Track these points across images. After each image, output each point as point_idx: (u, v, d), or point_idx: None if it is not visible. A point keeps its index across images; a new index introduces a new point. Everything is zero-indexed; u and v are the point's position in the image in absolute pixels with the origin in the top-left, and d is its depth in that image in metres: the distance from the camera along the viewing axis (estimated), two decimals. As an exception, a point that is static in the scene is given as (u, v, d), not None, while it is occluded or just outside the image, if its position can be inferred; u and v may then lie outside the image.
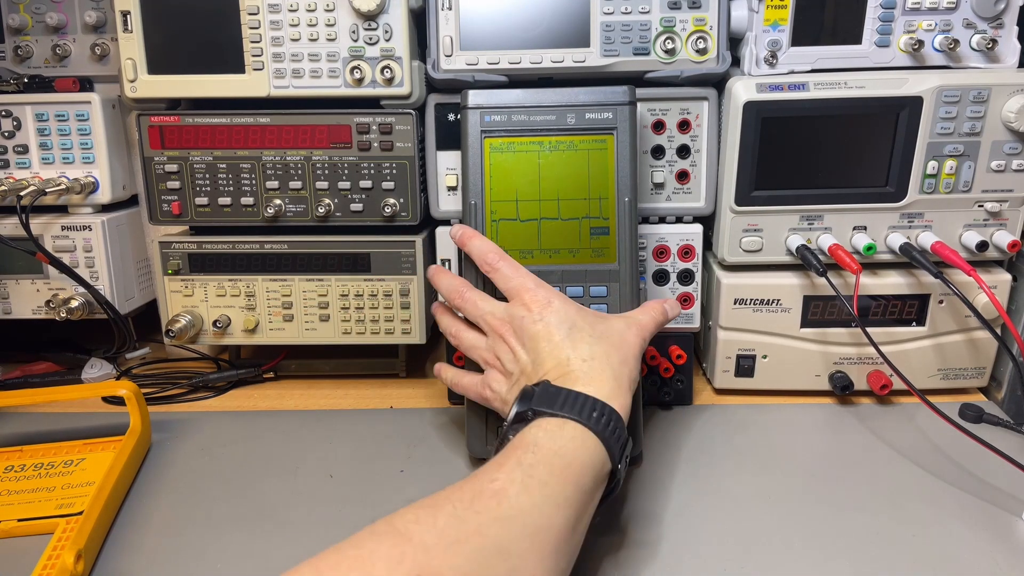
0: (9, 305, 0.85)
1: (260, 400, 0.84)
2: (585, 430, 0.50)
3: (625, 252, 0.66)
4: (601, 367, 0.55)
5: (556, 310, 0.58)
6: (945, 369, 0.79)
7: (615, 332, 0.58)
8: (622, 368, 0.56)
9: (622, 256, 0.66)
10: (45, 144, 0.82)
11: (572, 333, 0.57)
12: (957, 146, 0.72)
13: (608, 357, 0.56)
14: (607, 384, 0.54)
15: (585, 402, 0.51)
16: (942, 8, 0.72)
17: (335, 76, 0.75)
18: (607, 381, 0.54)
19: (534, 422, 0.51)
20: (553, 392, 0.53)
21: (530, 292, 0.59)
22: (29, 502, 0.63)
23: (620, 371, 0.55)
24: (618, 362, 0.56)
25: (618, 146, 0.66)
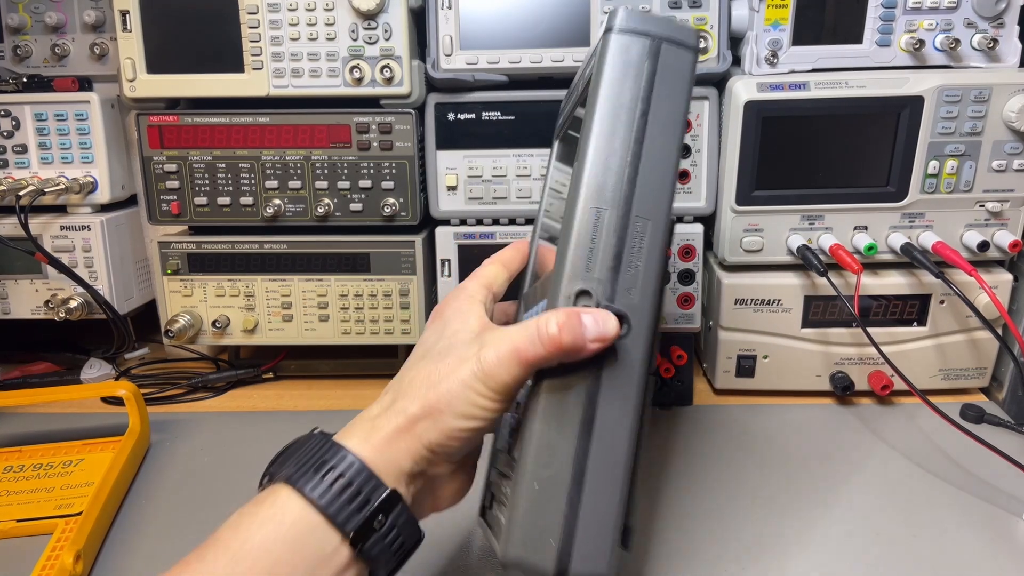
0: (8, 305, 0.85)
1: (259, 400, 0.84)
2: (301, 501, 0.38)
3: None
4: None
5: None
6: (946, 369, 0.79)
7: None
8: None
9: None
10: (44, 144, 0.82)
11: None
12: (958, 146, 0.72)
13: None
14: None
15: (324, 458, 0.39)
16: (943, 8, 0.71)
17: (334, 75, 0.75)
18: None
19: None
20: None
21: None
22: (28, 503, 0.63)
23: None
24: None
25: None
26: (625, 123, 0.41)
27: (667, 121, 0.42)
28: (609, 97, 0.41)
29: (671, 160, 0.41)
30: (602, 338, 0.37)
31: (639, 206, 0.40)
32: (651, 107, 0.41)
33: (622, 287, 0.39)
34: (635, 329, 0.39)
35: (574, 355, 0.38)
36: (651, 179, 0.40)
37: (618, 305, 0.39)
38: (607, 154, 0.40)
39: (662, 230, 0.41)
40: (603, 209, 0.40)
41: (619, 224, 0.40)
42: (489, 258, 0.51)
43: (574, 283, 0.39)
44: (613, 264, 0.39)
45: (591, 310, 0.38)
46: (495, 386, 0.39)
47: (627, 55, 0.41)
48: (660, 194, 0.41)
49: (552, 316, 0.38)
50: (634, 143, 0.41)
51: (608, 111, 0.41)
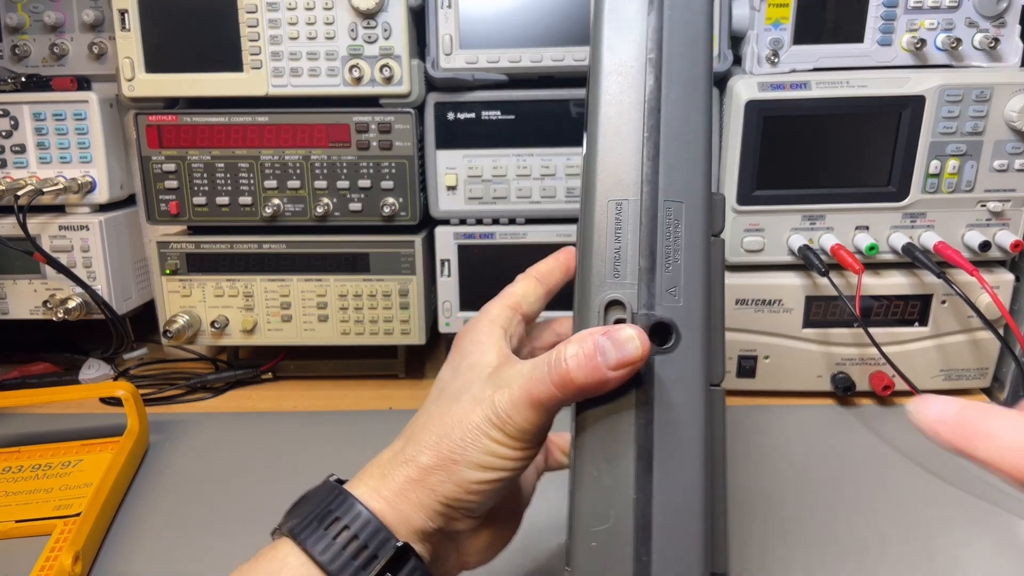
0: (6, 305, 0.85)
1: (258, 401, 0.84)
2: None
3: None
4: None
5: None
6: (948, 370, 0.78)
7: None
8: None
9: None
10: (43, 144, 0.81)
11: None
12: (959, 145, 0.71)
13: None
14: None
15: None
16: (944, 7, 0.71)
17: (334, 75, 0.75)
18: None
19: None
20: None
21: None
22: (27, 503, 0.63)
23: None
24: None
25: None
26: (631, 85, 0.34)
27: (687, 76, 0.33)
28: (608, 62, 0.34)
29: (699, 122, 0.33)
30: (626, 362, 0.31)
31: (667, 187, 0.33)
32: (663, 63, 0.33)
33: (661, 289, 0.32)
34: (686, 337, 0.32)
35: (597, 389, 0.32)
36: (677, 150, 0.33)
37: (660, 311, 0.32)
38: (617, 128, 0.33)
39: (701, 210, 0.33)
40: (623, 200, 0.33)
41: (646, 214, 0.33)
42: (522, 273, 0.44)
43: (601, 292, 0.33)
44: (646, 263, 0.32)
45: (610, 329, 0.31)
46: (513, 432, 0.34)
47: (621, 13, 0.34)
48: (692, 166, 0.33)
49: (564, 347, 0.32)
50: (647, 110, 0.33)
51: (608, 77, 0.34)
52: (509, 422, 0.34)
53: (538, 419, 0.34)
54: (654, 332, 0.32)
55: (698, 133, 0.33)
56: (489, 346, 0.38)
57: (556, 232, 0.78)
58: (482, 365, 0.37)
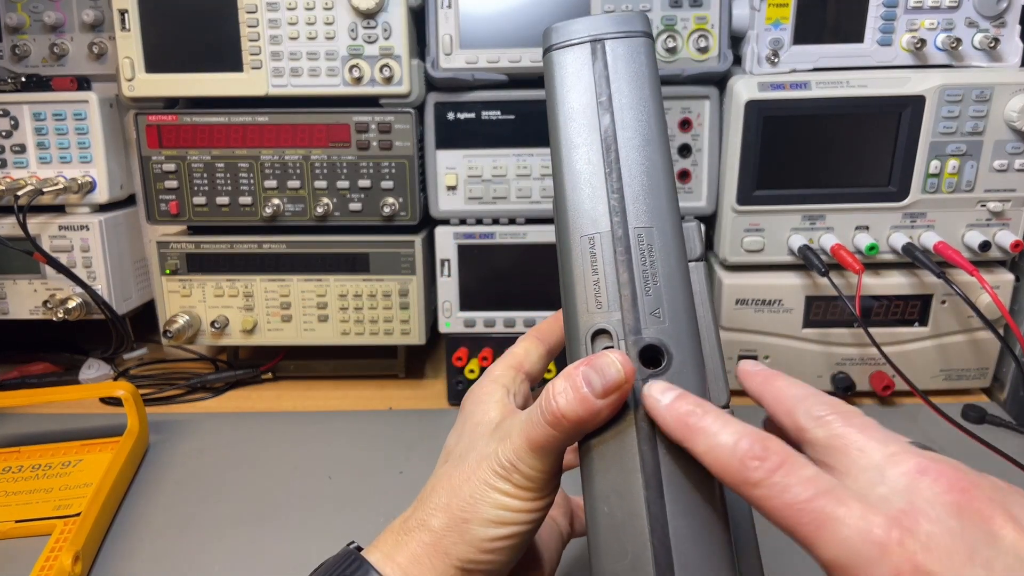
0: (6, 305, 0.85)
1: (258, 401, 0.84)
2: None
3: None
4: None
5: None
6: (948, 370, 0.78)
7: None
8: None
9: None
10: (43, 143, 0.81)
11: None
12: (960, 145, 0.71)
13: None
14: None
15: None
16: (944, 7, 0.71)
17: (334, 75, 0.75)
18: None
19: None
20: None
21: None
22: (27, 503, 0.63)
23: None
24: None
25: None
26: (588, 127, 0.36)
27: (639, 110, 0.35)
28: (564, 111, 0.36)
29: (656, 150, 0.35)
30: (612, 387, 0.31)
31: (636, 215, 0.34)
32: (613, 102, 0.36)
33: (645, 312, 0.33)
34: (677, 356, 0.33)
35: (592, 421, 0.32)
36: (639, 179, 0.35)
37: (647, 335, 0.33)
38: (579, 169, 0.35)
39: (671, 232, 0.34)
40: (596, 234, 0.34)
41: (619, 243, 0.34)
42: (528, 332, 0.44)
43: (587, 325, 0.34)
44: (627, 291, 0.33)
45: (592, 358, 0.32)
46: (521, 482, 0.33)
47: (569, 68, 0.37)
48: (655, 193, 0.35)
49: (552, 385, 0.32)
50: (605, 147, 0.35)
51: (567, 125, 0.36)
52: (515, 471, 0.33)
53: (543, 464, 0.33)
54: (645, 356, 0.33)
55: (657, 162, 0.35)
56: (491, 404, 0.38)
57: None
58: (485, 423, 0.37)
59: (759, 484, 0.27)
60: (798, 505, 0.26)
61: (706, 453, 0.29)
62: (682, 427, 0.30)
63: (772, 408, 0.33)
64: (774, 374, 0.34)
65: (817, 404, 0.30)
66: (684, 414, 0.30)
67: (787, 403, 0.32)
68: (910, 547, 0.24)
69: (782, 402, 0.32)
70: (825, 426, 0.29)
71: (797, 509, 0.26)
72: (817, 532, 0.26)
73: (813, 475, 0.27)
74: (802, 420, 0.30)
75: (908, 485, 0.26)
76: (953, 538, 0.24)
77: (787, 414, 0.31)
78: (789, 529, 0.27)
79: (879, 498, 0.26)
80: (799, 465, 0.27)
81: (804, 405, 0.30)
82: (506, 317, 0.80)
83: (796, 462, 0.27)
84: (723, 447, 0.28)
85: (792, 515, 0.26)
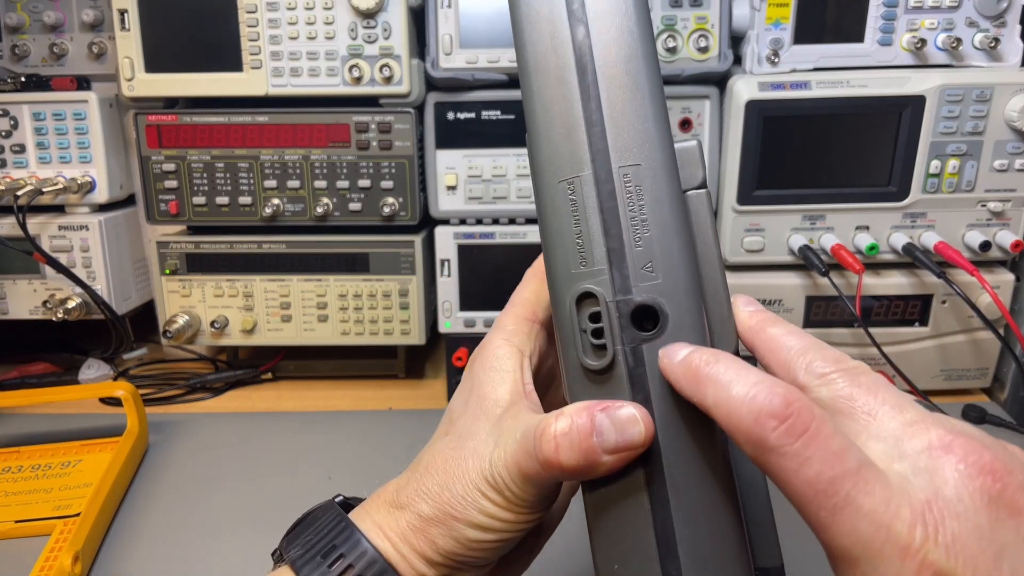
0: (6, 305, 0.85)
1: (258, 401, 0.84)
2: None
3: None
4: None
5: None
6: (948, 370, 0.78)
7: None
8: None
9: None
10: (42, 143, 0.81)
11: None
12: (960, 145, 0.71)
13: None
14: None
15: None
16: (944, 7, 0.71)
17: (333, 75, 0.75)
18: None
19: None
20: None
21: None
22: (26, 503, 0.63)
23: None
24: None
25: None
26: (558, 43, 0.29)
27: (619, 16, 0.29)
28: (528, 26, 0.30)
29: (642, 67, 0.29)
30: (626, 447, 0.27)
31: (619, 152, 0.29)
32: (587, 8, 0.29)
33: (635, 268, 0.28)
34: (674, 315, 0.28)
35: (591, 473, 0.28)
36: (622, 105, 0.29)
37: (638, 294, 0.28)
38: (552, 97, 0.29)
39: (663, 168, 0.29)
40: (575, 177, 0.29)
41: (602, 187, 0.29)
42: (528, 270, 0.38)
43: (570, 286, 0.29)
44: (614, 243, 0.28)
45: (610, 405, 0.27)
46: (512, 498, 0.30)
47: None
48: (641, 121, 0.29)
49: (555, 420, 0.28)
50: (579, 68, 0.29)
51: (533, 43, 0.30)
52: (505, 489, 0.30)
53: (535, 490, 0.30)
54: (637, 317, 0.28)
55: (642, 82, 0.29)
56: (503, 375, 0.34)
57: (556, 232, 0.78)
58: (492, 401, 0.33)
59: (775, 450, 0.23)
60: (818, 484, 0.22)
61: (715, 406, 0.25)
62: (690, 377, 0.26)
63: (766, 360, 0.28)
64: (770, 319, 0.29)
65: (819, 359, 0.26)
66: (695, 362, 0.26)
67: (784, 355, 0.28)
68: (932, 551, 0.21)
69: (777, 353, 0.28)
70: (829, 384, 0.26)
71: (816, 489, 0.22)
72: (833, 518, 0.22)
73: (841, 448, 0.23)
74: (802, 377, 0.26)
75: (931, 465, 0.23)
76: (980, 539, 0.21)
77: (784, 368, 0.27)
78: (800, 506, 0.23)
79: (900, 479, 0.23)
80: (827, 434, 0.23)
81: (804, 359, 0.27)
82: (506, 317, 0.80)
83: (823, 429, 0.23)
84: (736, 399, 0.24)
85: (808, 493, 0.23)
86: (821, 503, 0.22)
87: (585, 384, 0.29)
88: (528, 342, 0.35)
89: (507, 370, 0.34)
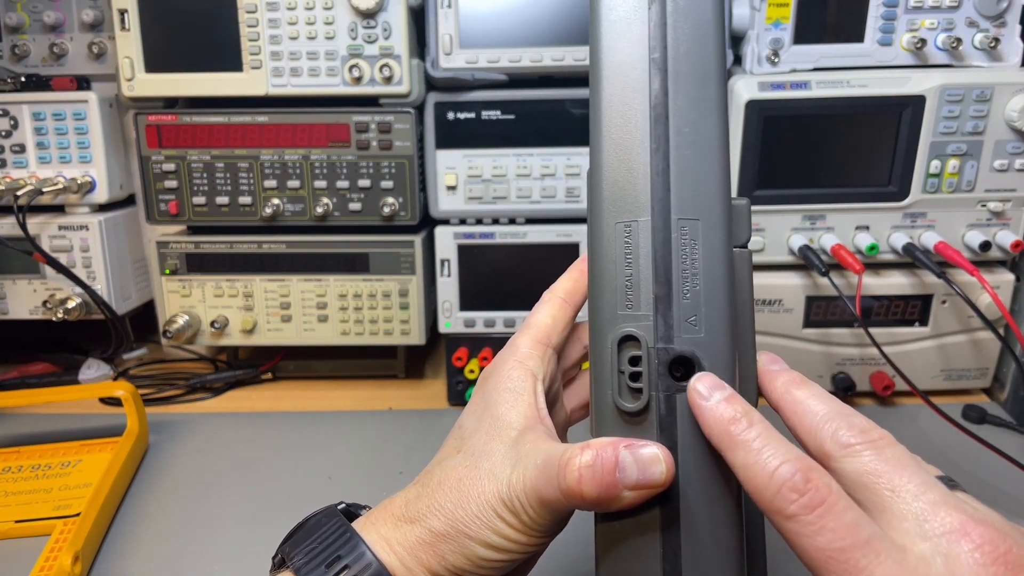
0: (6, 305, 0.85)
1: (258, 401, 0.84)
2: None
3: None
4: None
5: None
6: (948, 370, 0.78)
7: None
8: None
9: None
10: (42, 143, 0.81)
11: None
12: (960, 145, 0.71)
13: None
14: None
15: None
16: (944, 7, 0.71)
17: (333, 74, 0.75)
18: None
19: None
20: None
21: None
22: (26, 503, 0.63)
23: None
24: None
25: None
26: (635, 90, 0.30)
27: (698, 72, 0.30)
28: (607, 67, 0.30)
29: (713, 124, 0.30)
30: (647, 485, 0.28)
31: (680, 203, 0.29)
32: (669, 60, 0.30)
33: (680, 319, 0.29)
34: (709, 368, 0.29)
35: (610, 506, 0.29)
36: (690, 159, 0.29)
37: (679, 345, 0.29)
38: (621, 140, 0.30)
39: (720, 226, 0.30)
40: (633, 222, 0.30)
41: (658, 235, 0.29)
42: (547, 291, 0.38)
43: (614, 327, 0.30)
44: (661, 291, 0.29)
45: (634, 443, 0.29)
46: (528, 522, 0.31)
47: (619, 10, 0.31)
48: (707, 177, 0.30)
49: (580, 453, 0.29)
50: (653, 116, 0.30)
51: (610, 84, 0.30)
52: (522, 513, 0.31)
53: (550, 516, 0.31)
54: (674, 366, 0.30)
55: (712, 139, 0.30)
56: (517, 397, 0.34)
57: (556, 232, 0.78)
58: (506, 424, 0.33)
59: (792, 518, 0.25)
60: (829, 553, 0.24)
61: (743, 468, 0.27)
62: (723, 434, 0.27)
63: (791, 422, 0.29)
64: (795, 380, 0.30)
65: (845, 427, 0.27)
66: (728, 420, 0.27)
67: (810, 421, 0.28)
68: None
69: (803, 418, 0.29)
70: (855, 456, 0.27)
71: (827, 556, 0.24)
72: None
73: (853, 522, 0.25)
74: (828, 445, 0.27)
75: (949, 549, 0.24)
76: None
77: (810, 434, 0.28)
78: (813, 570, 0.25)
79: (918, 560, 0.24)
80: (840, 508, 0.25)
81: (831, 426, 0.27)
82: (506, 317, 0.80)
83: (837, 505, 0.25)
84: (762, 468, 0.26)
85: (820, 560, 0.24)
86: (831, 568, 0.24)
87: (616, 423, 0.30)
88: (541, 366, 0.36)
89: (521, 392, 0.34)
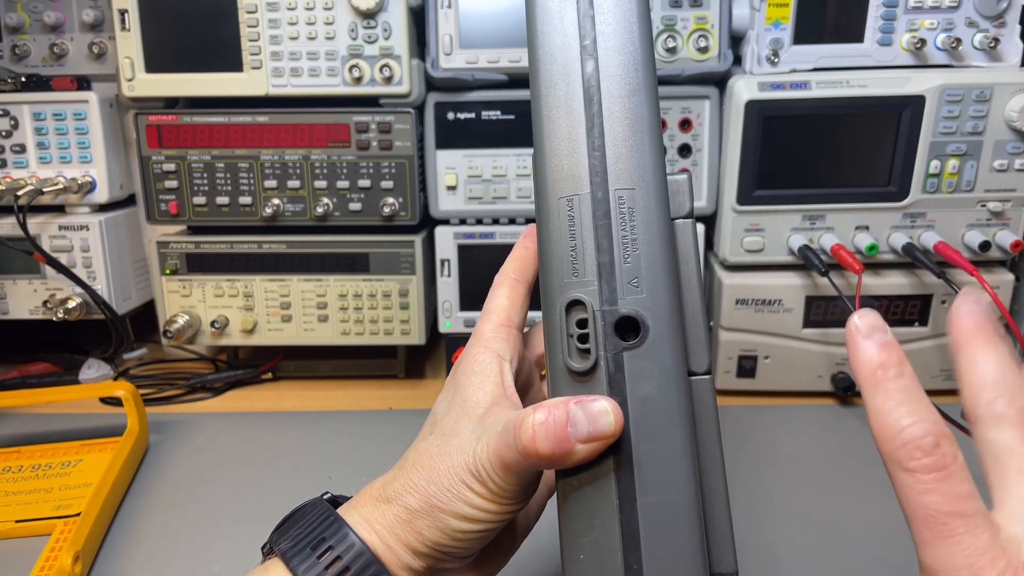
0: (6, 305, 0.85)
1: (258, 401, 0.84)
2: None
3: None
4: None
5: None
6: (948, 369, 0.78)
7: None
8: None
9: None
10: (42, 143, 0.81)
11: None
12: (960, 145, 0.71)
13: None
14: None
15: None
16: (944, 7, 0.71)
17: (334, 75, 0.75)
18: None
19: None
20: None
21: None
22: (27, 503, 0.63)
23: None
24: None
25: None
26: (569, 74, 0.33)
27: (626, 55, 0.32)
28: (543, 55, 0.33)
29: (643, 101, 0.32)
30: (597, 436, 0.30)
31: (616, 175, 0.32)
32: (598, 45, 0.33)
33: (623, 282, 0.31)
34: (654, 328, 0.31)
35: (566, 461, 0.30)
36: (623, 134, 0.32)
37: (623, 306, 0.31)
38: (559, 122, 0.33)
39: (655, 195, 0.32)
40: (574, 196, 0.32)
41: (598, 207, 0.32)
42: (498, 273, 0.40)
43: (561, 293, 0.32)
44: (604, 258, 0.31)
45: (583, 399, 0.30)
46: (495, 489, 0.33)
47: (551, 4, 0.33)
48: (639, 150, 0.32)
49: (533, 413, 0.31)
50: (587, 98, 0.32)
51: (546, 71, 0.33)
52: (488, 480, 0.32)
53: (516, 480, 0.32)
54: (620, 327, 0.31)
55: (643, 115, 0.32)
56: (483, 380, 0.36)
57: (556, 232, 0.78)
58: (474, 403, 0.35)
59: (910, 472, 0.26)
60: (932, 512, 0.26)
61: (875, 412, 0.27)
62: (869, 375, 0.28)
63: (961, 370, 0.29)
64: (977, 333, 0.29)
65: (1002, 399, 0.27)
66: (878, 364, 0.28)
67: (975, 380, 0.28)
68: None
69: (972, 374, 0.28)
70: (1001, 430, 0.27)
71: (928, 514, 0.26)
72: (934, 542, 0.25)
73: (965, 493, 0.25)
74: (981, 408, 0.27)
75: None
76: None
77: (970, 391, 0.28)
78: (911, 520, 0.26)
79: (1012, 539, 0.25)
80: (958, 479, 0.26)
81: (990, 393, 0.27)
82: (506, 317, 0.80)
83: (957, 475, 0.26)
84: (895, 420, 0.26)
85: (921, 514, 0.26)
86: (930, 525, 0.26)
87: (568, 383, 0.32)
88: (507, 347, 0.37)
89: (488, 374, 0.36)
